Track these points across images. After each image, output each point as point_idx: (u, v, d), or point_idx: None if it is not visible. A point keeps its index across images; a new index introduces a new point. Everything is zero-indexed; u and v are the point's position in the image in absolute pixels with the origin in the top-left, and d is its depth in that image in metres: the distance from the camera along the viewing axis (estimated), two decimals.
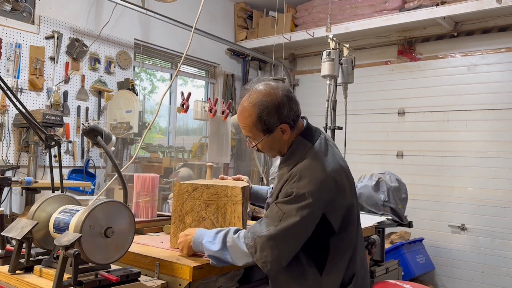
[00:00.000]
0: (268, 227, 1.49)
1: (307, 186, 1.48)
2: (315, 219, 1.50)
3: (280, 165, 1.66)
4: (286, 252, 1.50)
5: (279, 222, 1.47)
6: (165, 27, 5.11)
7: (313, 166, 1.53)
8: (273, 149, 1.66)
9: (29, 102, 3.92)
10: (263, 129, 1.59)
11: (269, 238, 1.47)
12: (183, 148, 4.49)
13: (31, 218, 1.54)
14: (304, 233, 1.50)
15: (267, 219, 1.52)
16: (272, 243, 1.46)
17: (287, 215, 1.47)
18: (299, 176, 1.50)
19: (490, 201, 4.70)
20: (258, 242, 1.47)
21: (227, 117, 3.40)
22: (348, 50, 3.65)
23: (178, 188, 1.86)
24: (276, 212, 1.50)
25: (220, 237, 1.56)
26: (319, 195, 1.48)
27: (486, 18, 4.78)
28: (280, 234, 1.47)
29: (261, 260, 1.48)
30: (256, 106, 1.56)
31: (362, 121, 5.46)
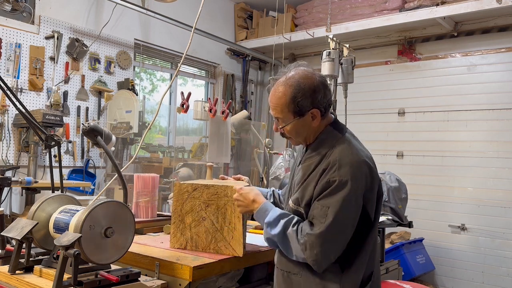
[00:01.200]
0: (318, 225, 1.47)
1: (348, 173, 1.47)
2: (359, 208, 1.50)
3: (306, 156, 1.63)
4: (336, 246, 1.49)
5: (326, 217, 1.46)
6: (165, 27, 5.11)
7: (350, 154, 1.52)
8: (300, 134, 1.62)
9: (29, 102, 3.92)
10: (295, 111, 1.57)
11: (317, 236, 1.45)
12: (183, 148, 4.49)
13: (31, 218, 1.54)
14: (351, 223, 1.50)
15: (315, 219, 1.49)
16: (321, 241, 1.45)
17: (332, 208, 1.45)
18: (338, 164, 1.48)
19: (490, 201, 4.70)
20: (308, 240, 1.47)
21: (227, 117, 3.39)
22: (348, 50, 3.65)
23: (178, 188, 1.86)
24: (321, 209, 1.48)
25: (282, 224, 1.54)
26: (360, 182, 1.49)
27: (486, 18, 4.77)
28: (328, 230, 1.45)
29: (311, 258, 1.47)
30: (292, 87, 1.55)
31: (362, 121, 5.46)
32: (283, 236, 1.52)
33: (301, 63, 1.67)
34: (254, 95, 6.59)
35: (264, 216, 1.59)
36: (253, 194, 1.68)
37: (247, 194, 1.69)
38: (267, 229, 1.57)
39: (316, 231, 1.46)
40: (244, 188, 1.72)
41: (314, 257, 1.46)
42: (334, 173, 1.48)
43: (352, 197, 1.47)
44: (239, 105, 6.28)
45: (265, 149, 3.83)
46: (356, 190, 1.47)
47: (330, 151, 1.55)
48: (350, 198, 1.46)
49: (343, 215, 1.46)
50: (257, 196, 1.68)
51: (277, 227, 1.54)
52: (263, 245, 1.98)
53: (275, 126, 1.67)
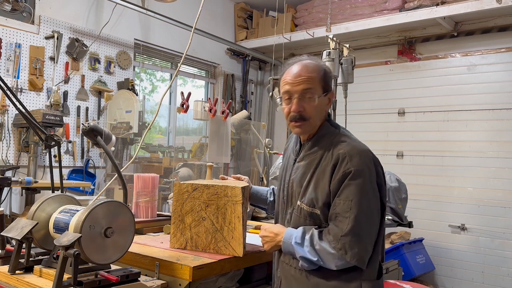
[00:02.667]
0: (345, 222, 1.46)
1: (360, 162, 1.50)
2: (377, 193, 1.52)
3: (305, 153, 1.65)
4: (369, 236, 1.49)
5: (350, 211, 1.46)
6: (165, 27, 5.11)
7: (354, 145, 1.56)
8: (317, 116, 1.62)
9: (29, 102, 3.92)
10: (323, 87, 1.62)
11: (353, 233, 1.45)
12: (183, 148, 4.49)
13: (31, 218, 1.54)
14: (375, 209, 1.51)
15: (339, 216, 1.48)
16: (356, 237, 1.45)
17: (354, 199, 1.46)
18: (349, 155, 1.51)
19: (490, 201, 4.70)
20: (346, 242, 1.45)
21: (227, 117, 3.39)
22: (348, 50, 3.64)
23: (178, 188, 1.86)
24: (343, 203, 1.48)
25: (307, 240, 1.52)
26: (372, 169, 1.52)
27: (486, 18, 4.77)
28: (359, 222, 1.45)
29: (355, 258, 1.45)
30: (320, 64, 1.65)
31: (362, 121, 5.46)
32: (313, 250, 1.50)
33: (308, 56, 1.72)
34: (254, 95, 6.59)
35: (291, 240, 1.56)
36: (276, 227, 1.67)
37: (270, 228, 1.68)
38: (298, 251, 1.54)
39: (347, 228, 1.45)
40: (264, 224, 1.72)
41: (356, 256, 1.45)
42: (347, 164, 1.49)
43: (370, 184, 1.50)
44: (239, 105, 6.28)
45: (265, 149, 3.82)
46: (371, 177, 1.51)
47: (331, 146, 1.58)
48: (368, 185, 1.49)
49: (366, 202, 1.48)
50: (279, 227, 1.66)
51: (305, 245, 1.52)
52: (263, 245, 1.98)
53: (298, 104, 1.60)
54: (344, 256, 1.45)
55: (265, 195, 2.08)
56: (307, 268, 1.54)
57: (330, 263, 1.49)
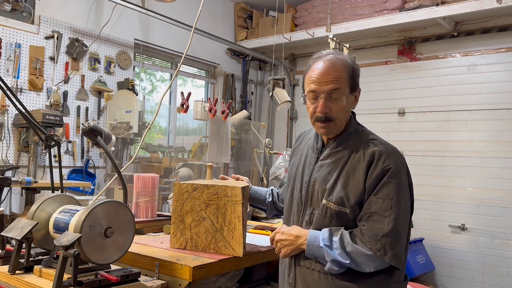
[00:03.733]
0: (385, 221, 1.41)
1: (397, 160, 1.48)
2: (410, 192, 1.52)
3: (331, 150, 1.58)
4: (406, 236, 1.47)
5: (390, 210, 1.42)
6: (165, 27, 5.11)
7: (386, 143, 1.55)
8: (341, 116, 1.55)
9: (29, 102, 3.91)
10: (351, 86, 1.55)
11: (393, 233, 1.40)
12: (183, 148, 4.49)
13: (31, 218, 1.54)
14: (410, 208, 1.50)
15: (377, 215, 1.42)
16: (396, 237, 1.41)
17: (395, 200, 1.42)
18: (385, 153, 1.48)
19: (490, 201, 4.70)
20: (386, 242, 1.39)
21: (227, 117, 3.39)
22: (348, 50, 3.65)
23: (178, 188, 1.86)
24: (382, 202, 1.43)
25: (336, 241, 1.44)
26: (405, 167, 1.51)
27: (486, 18, 4.77)
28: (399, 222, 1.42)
29: (395, 258, 1.41)
30: (348, 62, 1.56)
31: (362, 121, 5.31)
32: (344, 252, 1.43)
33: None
34: (254, 95, 6.59)
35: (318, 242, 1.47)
36: (295, 229, 1.57)
37: (288, 231, 1.56)
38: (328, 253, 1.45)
39: (388, 228, 1.40)
40: (280, 227, 1.61)
41: (396, 256, 1.41)
42: (385, 162, 1.46)
43: (405, 183, 1.49)
44: (239, 105, 6.28)
45: (265, 149, 3.83)
46: (406, 176, 1.50)
47: (361, 144, 1.54)
48: (405, 184, 1.48)
49: (405, 202, 1.46)
50: (299, 230, 1.56)
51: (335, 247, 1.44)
52: (263, 245, 1.98)
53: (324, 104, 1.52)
54: (382, 257, 1.40)
55: (264, 195, 2.06)
56: (336, 272, 1.46)
57: (365, 266, 1.43)
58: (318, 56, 1.59)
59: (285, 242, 1.56)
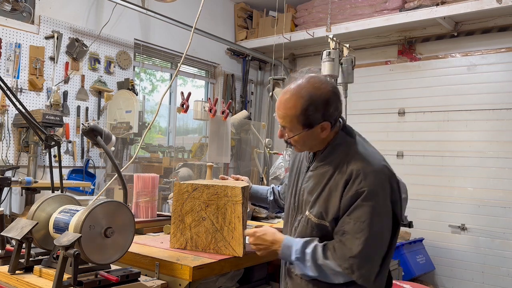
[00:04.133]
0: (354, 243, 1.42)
1: (375, 182, 1.43)
2: (390, 214, 1.47)
3: (317, 163, 1.58)
4: (378, 256, 1.47)
5: (361, 233, 1.41)
6: (165, 27, 5.11)
7: (369, 161, 1.48)
8: (306, 144, 1.57)
9: (29, 102, 3.91)
10: (304, 123, 1.50)
11: (361, 256, 1.41)
12: (183, 148, 4.49)
13: (31, 218, 1.54)
14: (387, 230, 1.47)
15: (348, 234, 1.43)
16: (366, 258, 1.42)
17: (366, 223, 1.41)
18: (363, 174, 1.44)
19: (490, 201, 4.69)
20: (354, 263, 1.41)
21: (227, 117, 3.39)
22: (348, 50, 3.64)
23: (178, 188, 1.86)
24: (354, 223, 1.43)
25: (309, 255, 1.48)
26: (386, 188, 1.47)
27: (486, 18, 4.77)
28: (369, 245, 1.41)
29: (362, 278, 1.42)
30: (304, 98, 1.47)
31: (362, 121, 5.45)
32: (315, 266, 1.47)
33: (313, 69, 1.59)
34: (254, 95, 6.59)
35: (290, 253, 1.52)
36: (270, 234, 1.61)
37: (264, 235, 1.61)
38: (299, 268, 1.51)
39: (356, 251, 1.41)
40: (257, 230, 1.65)
41: (364, 277, 1.42)
42: (360, 183, 1.43)
43: (383, 205, 1.44)
44: (239, 105, 6.28)
45: (265, 149, 3.82)
46: (385, 197, 1.45)
47: (346, 159, 1.50)
48: (381, 207, 1.44)
49: (378, 225, 1.43)
50: (274, 235, 1.60)
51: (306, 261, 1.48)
52: None
53: (280, 133, 1.59)
54: (350, 275, 1.43)
55: (265, 194, 2.07)
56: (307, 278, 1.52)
57: (336, 278, 1.47)
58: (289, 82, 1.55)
59: (260, 246, 1.63)
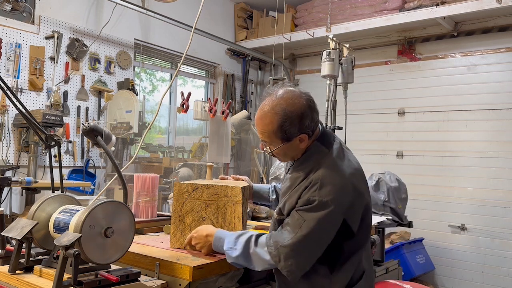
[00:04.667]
0: (290, 235, 1.48)
1: (329, 193, 1.47)
2: (337, 226, 1.50)
3: (293, 168, 1.66)
4: (310, 258, 1.51)
5: (299, 229, 1.47)
6: (165, 27, 5.11)
7: (332, 173, 1.52)
8: (287, 155, 1.65)
9: (29, 102, 3.92)
10: (282, 138, 1.57)
11: (292, 248, 1.47)
12: (183, 148, 4.49)
13: (31, 218, 1.54)
14: (326, 239, 1.51)
15: (288, 226, 1.51)
16: (295, 252, 1.47)
17: (308, 223, 1.47)
18: (320, 183, 1.48)
19: (490, 201, 4.70)
20: (282, 252, 1.48)
21: (227, 117, 3.39)
22: (348, 50, 3.64)
23: (178, 188, 1.86)
24: (297, 219, 1.49)
25: (241, 243, 1.57)
26: (341, 201, 1.48)
27: (486, 18, 4.77)
28: (302, 242, 1.47)
29: (286, 269, 1.48)
30: (279, 114, 1.53)
31: (362, 121, 5.46)
32: (247, 255, 1.56)
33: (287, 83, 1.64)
34: (254, 95, 6.59)
35: (221, 244, 1.62)
36: (203, 230, 1.71)
37: (197, 233, 1.71)
38: (228, 253, 1.59)
39: (289, 242, 1.47)
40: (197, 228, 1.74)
41: (289, 267, 1.48)
42: (314, 192, 1.48)
43: (330, 217, 1.47)
44: (239, 105, 6.28)
45: None
46: (336, 210, 1.47)
47: (315, 168, 1.55)
48: (327, 218, 1.47)
49: (317, 232, 1.48)
50: (208, 229, 1.70)
51: (237, 249, 1.57)
52: None
53: (262, 146, 1.68)
54: (277, 264, 1.50)
55: (267, 192, 2.10)
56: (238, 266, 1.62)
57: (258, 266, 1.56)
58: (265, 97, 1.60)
59: (199, 244, 1.70)
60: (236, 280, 1.90)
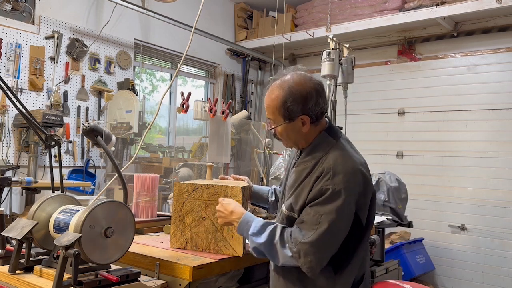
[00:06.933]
0: (309, 232, 1.47)
1: (342, 182, 1.47)
2: (351, 216, 1.50)
3: (300, 160, 1.64)
4: (328, 253, 1.50)
5: (318, 225, 1.46)
6: (165, 27, 5.11)
7: (344, 161, 1.52)
8: (290, 138, 1.64)
9: (29, 102, 3.92)
10: (284, 115, 1.58)
11: (311, 245, 1.46)
12: (183, 148, 4.49)
13: (31, 218, 1.54)
14: (344, 230, 1.50)
15: (306, 224, 1.49)
16: (315, 249, 1.46)
17: (325, 217, 1.46)
18: (332, 172, 1.48)
19: (490, 201, 4.70)
20: (301, 249, 1.47)
21: (227, 117, 3.39)
22: (348, 50, 3.64)
23: (178, 188, 1.86)
24: (313, 215, 1.48)
25: (268, 231, 1.53)
26: (353, 190, 1.49)
27: (486, 18, 4.77)
28: (321, 238, 1.46)
29: (306, 265, 1.47)
30: (284, 91, 1.57)
31: (362, 121, 5.46)
32: (270, 245, 1.52)
33: (300, 67, 1.67)
34: (254, 95, 6.59)
35: (247, 228, 1.58)
36: (233, 205, 1.66)
37: (227, 205, 1.67)
38: (252, 239, 1.56)
39: (309, 239, 1.46)
40: (225, 198, 1.71)
41: (308, 264, 1.47)
42: (327, 181, 1.48)
43: (345, 206, 1.47)
44: (239, 105, 6.28)
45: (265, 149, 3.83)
46: (350, 199, 1.47)
47: (324, 158, 1.55)
48: (343, 207, 1.46)
49: (336, 223, 1.46)
50: (236, 207, 1.66)
51: (262, 236, 1.54)
52: None
53: (267, 125, 1.70)
54: (297, 260, 1.48)
55: (267, 194, 2.09)
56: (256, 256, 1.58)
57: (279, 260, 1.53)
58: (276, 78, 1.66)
59: (221, 213, 1.67)
60: (236, 280, 1.91)
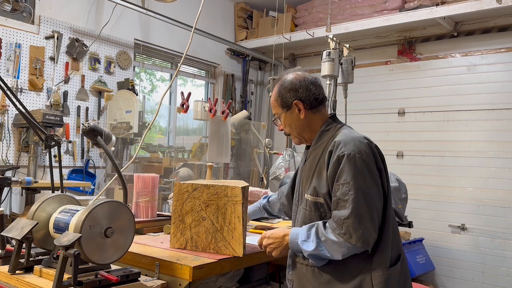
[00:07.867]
0: (346, 206, 1.47)
1: (355, 147, 1.53)
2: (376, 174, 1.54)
3: (311, 148, 1.71)
4: (372, 218, 1.48)
5: (349, 194, 1.47)
6: (165, 27, 5.11)
7: (351, 134, 1.61)
8: (292, 128, 1.73)
9: (29, 102, 3.92)
10: (282, 104, 1.72)
11: (353, 215, 1.45)
12: (183, 148, 4.49)
13: (31, 218, 1.54)
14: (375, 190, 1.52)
15: (339, 200, 1.50)
16: (359, 218, 1.45)
17: (353, 183, 1.48)
18: (343, 142, 1.55)
19: (490, 201, 4.69)
20: (349, 225, 1.45)
21: (227, 117, 3.40)
22: (348, 50, 3.64)
23: (178, 188, 1.86)
24: (340, 189, 1.50)
25: (313, 234, 1.54)
26: (367, 153, 1.54)
27: (486, 18, 4.77)
28: (358, 204, 1.46)
29: (360, 240, 1.45)
30: (279, 84, 1.74)
31: (362, 121, 5.45)
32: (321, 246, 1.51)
33: (297, 68, 1.80)
34: (254, 95, 6.59)
35: (297, 239, 1.58)
36: (280, 229, 1.69)
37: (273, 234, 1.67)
38: (305, 249, 1.55)
39: (348, 211, 1.46)
40: (265, 232, 1.72)
41: (361, 237, 1.45)
42: (341, 149, 1.54)
43: (366, 166, 1.51)
44: (239, 105, 6.28)
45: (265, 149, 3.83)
46: (367, 160, 1.52)
47: (332, 137, 1.63)
48: (363, 168, 1.50)
49: (364, 184, 1.49)
50: (284, 229, 1.68)
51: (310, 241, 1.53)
52: None
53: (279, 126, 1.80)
54: (349, 240, 1.46)
55: (260, 214, 2.17)
56: (316, 264, 1.56)
57: (336, 253, 1.50)
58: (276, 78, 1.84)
59: (273, 245, 1.67)
60: (236, 280, 1.91)
